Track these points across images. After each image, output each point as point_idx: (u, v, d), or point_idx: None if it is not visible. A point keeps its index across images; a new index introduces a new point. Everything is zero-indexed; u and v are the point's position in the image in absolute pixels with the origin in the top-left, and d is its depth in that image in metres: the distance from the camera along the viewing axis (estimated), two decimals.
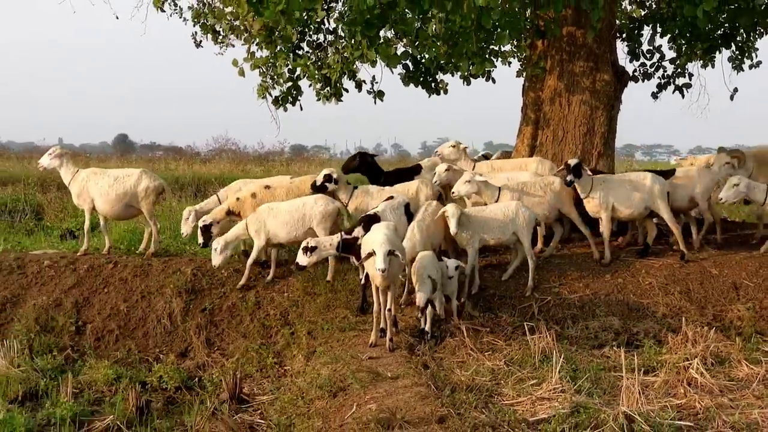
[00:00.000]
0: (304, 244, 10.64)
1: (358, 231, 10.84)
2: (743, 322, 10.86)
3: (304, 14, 12.39)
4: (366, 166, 14.07)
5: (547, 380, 8.36)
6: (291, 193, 12.81)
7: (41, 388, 10.23)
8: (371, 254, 9.15)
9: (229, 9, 14.50)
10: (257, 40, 12.58)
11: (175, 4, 16.15)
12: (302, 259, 10.60)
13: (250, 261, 12.11)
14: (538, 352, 9.34)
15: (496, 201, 12.13)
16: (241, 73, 13.25)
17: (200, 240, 12.53)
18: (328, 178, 12.71)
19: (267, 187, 12.92)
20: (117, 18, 17.10)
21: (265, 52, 13.47)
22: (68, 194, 14.51)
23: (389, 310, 9.63)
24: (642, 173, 12.61)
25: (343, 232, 10.96)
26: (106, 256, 13.18)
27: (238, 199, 12.73)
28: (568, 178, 11.94)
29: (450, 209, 11.12)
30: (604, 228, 12.23)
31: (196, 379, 10.80)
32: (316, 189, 12.66)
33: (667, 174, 12.84)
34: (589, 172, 12.25)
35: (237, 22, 14.55)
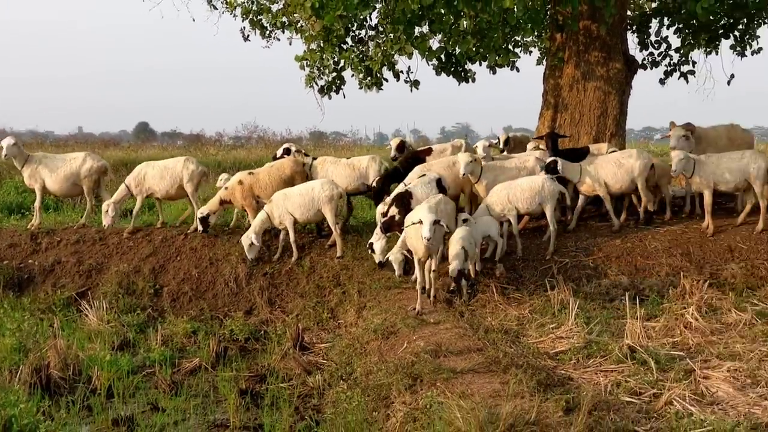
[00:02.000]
0: (369, 247, 12.33)
1: (392, 210, 12.38)
2: (736, 279, 12.10)
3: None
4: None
5: (565, 324, 10.02)
6: (272, 176, 14.39)
7: (131, 340, 11.99)
8: (418, 223, 10.36)
9: (276, 7, 16.30)
10: (317, 38, 14.23)
11: (228, 2, 17.72)
12: (376, 257, 12.27)
13: (291, 240, 13.65)
14: (557, 303, 10.95)
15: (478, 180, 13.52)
16: (302, 66, 15.10)
17: (200, 228, 14.26)
18: (287, 150, 15.23)
19: (250, 173, 14.54)
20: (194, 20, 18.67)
21: (314, 46, 15.11)
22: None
23: (434, 271, 11.16)
24: (630, 150, 14.00)
25: (380, 216, 12.51)
26: (178, 228, 15.01)
27: (226, 188, 14.37)
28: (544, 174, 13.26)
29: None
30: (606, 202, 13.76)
31: (262, 332, 12.48)
32: (276, 159, 14.81)
33: None
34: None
35: (285, 20, 16.22)
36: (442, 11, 12.94)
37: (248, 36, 17.98)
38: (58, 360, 9.91)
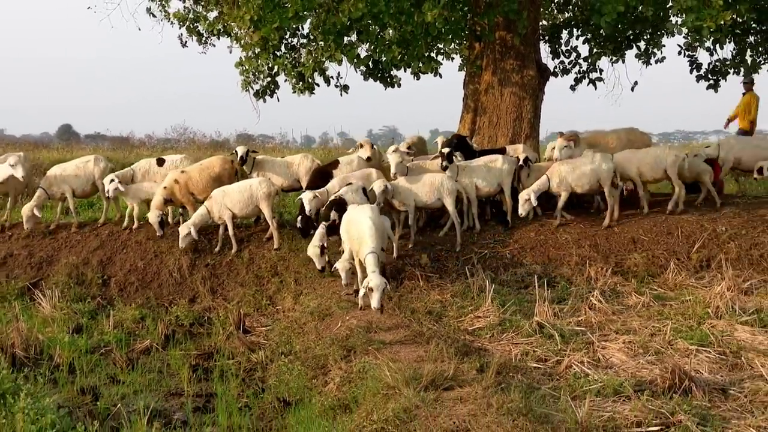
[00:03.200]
0: (316, 251, 12.80)
1: (333, 215, 13.14)
2: (638, 268, 13.32)
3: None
4: None
5: (482, 306, 11.20)
6: (202, 174, 15.35)
7: (84, 325, 12.87)
8: (368, 290, 10.27)
9: (212, 15, 17.34)
10: (254, 46, 15.21)
11: (165, 11, 18.68)
12: (321, 261, 12.90)
13: (230, 233, 14.63)
14: (476, 288, 12.05)
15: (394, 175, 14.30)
16: (241, 72, 16.11)
17: (159, 233, 15.04)
18: (248, 151, 15.60)
19: (183, 171, 15.43)
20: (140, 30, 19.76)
21: (249, 53, 16.10)
22: None
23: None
24: (496, 156, 14.92)
25: (323, 222, 13.24)
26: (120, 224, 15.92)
27: (165, 188, 15.19)
28: (444, 164, 14.26)
29: (377, 185, 13.63)
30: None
31: (206, 318, 13.45)
32: (242, 162, 15.51)
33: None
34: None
35: (221, 27, 17.27)
36: (369, 23, 14.09)
37: (186, 42, 18.90)
38: (21, 341, 10.80)
